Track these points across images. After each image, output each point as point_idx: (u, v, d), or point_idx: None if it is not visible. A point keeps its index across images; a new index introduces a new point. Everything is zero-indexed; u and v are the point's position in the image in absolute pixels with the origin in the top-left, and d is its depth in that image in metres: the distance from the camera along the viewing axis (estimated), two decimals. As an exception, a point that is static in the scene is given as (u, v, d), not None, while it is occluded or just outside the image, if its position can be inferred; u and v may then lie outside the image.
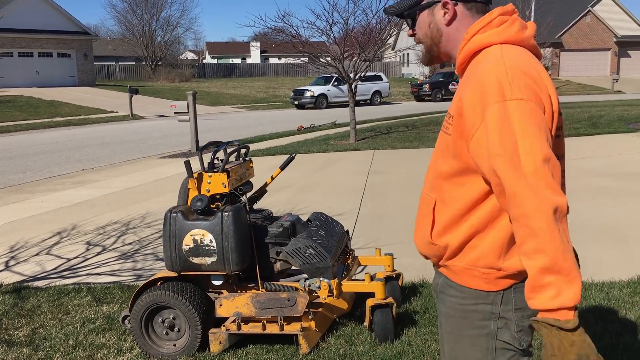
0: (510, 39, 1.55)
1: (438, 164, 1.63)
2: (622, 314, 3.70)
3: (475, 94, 1.45)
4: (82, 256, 5.54)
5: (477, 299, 1.58)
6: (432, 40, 1.67)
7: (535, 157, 1.35)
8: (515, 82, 1.41)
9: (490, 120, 1.40)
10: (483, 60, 1.52)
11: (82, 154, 13.51)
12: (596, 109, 19.69)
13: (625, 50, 48.36)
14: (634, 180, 7.94)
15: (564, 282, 1.30)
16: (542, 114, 1.42)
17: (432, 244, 1.62)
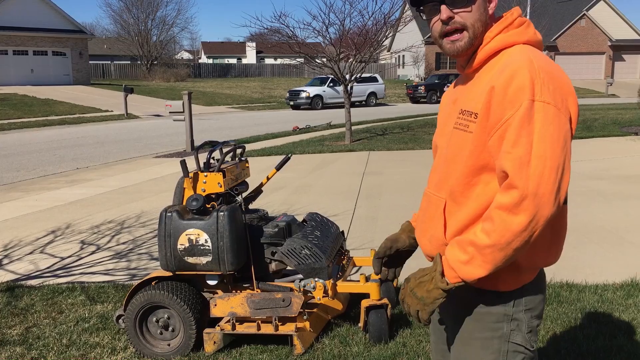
0: (530, 40, 1.57)
1: (451, 163, 1.59)
2: (616, 316, 3.71)
3: (507, 89, 1.43)
4: (76, 255, 5.53)
5: (492, 301, 1.57)
6: (483, 27, 1.56)
7: (545, 163, 1.38)
8: (545, 84, 1.43)
9: (515, 117, 1.41)
10: (510, 59, 1.50)
11: (77, 152, 13.47)
12: (591, 112, 19.78)
13: (619, 54, 48.59)
14: (628, 183, 7.97)
15: (477, 262, 1.44)
16: (566, 120, 1.43)
17: (445, 245, 1.60)
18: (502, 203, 1.41)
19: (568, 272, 4.54)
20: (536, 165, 1.38)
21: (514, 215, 1.38)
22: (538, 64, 1.46)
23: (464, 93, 1.62)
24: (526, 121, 1.40)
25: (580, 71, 47.83)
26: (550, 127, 1.40)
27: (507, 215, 1.39)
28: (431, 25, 1.58)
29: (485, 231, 1.43)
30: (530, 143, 1.39)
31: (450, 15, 1.52)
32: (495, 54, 1.56)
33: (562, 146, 1.40)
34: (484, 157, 1.51)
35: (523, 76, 1.42)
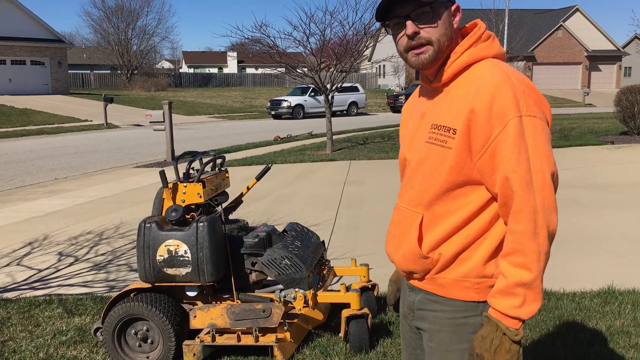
0: (497, 53, 1.60)
1: (428, 178, 1.59)
2: (593, 324, 3.76)
3: (491, 108, 1.46)
4: (54, 267, 5.45)
5: (467, 311, 1.58)
6: (448, 41, 1.56)
7: (544, 175, 1.45)
8: (528, 97, 1.47)
9: (509, 135, 1.44)
10: (482, 74, 1.52)
11: (55, 163, 13.31)
12: (568, 121, 20.07)
13: (595, 64, 49.48)
14: (604, 191, 8.10)
15: (531, 298, 1.45)
16: (548, 128, 1.50)
17: (423, 257, 1.60)
18: (520, 230, 1.45)
19: (546, 279, 4.56)
20: (537, 180, 1.44)
21: (537, 236, 1.44)
22: (515, 77, 1.49)
23: (434, 107, 1.62)
24: (520, 138, 1.44)
25: (557, 81, 48.62)
26: (541, 139, 1.45)
27: (532, 242, 1.44)
28: (397, 39, 1.58)
29: (522, 266, 1.45)
30: (527, 159, 1.44)
31: (415, 30, 1.53)
32: (465, 68, 1.58)
33: (552, 154, 1.48)
34: (465, 172, 1.52)
35: (505, 93, 1.45)
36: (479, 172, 1.51)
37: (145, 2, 51.83)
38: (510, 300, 1.45)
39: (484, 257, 1.55)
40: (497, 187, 1.48)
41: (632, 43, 53.93)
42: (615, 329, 3.67)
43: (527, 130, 1.44)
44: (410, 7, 1.52)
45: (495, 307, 1.48)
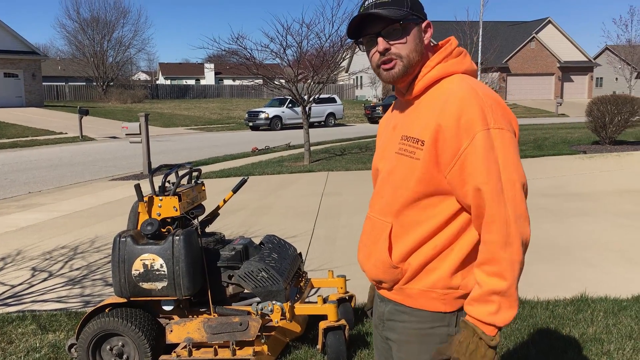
0: (468, 69, 1.64)
1: (397, 188, 1.62)
2: (567, 332, 3.82)
3: (459, 121, 1.49)
4: (27, 282, 5.36)
5: (434, 322, 1.60)
6: (419, 57, 1.61)
7: (515, 186, 1.49)
8: (495, 110, 1.51)
9: (478, 148, 1.47)
10: (450, 88, 1.56)
11: (29, 176, 13.11)
12: (541, 131, 20.40)
13: (568, 75, 50.45)
14: (578, 200, 8.24)
15: (506, 306, 1.48)
16: (516, 140, 1.54)
17: (393, 267, 1.63)
18: (493, 241, 1.48)
19: (520, 288, 4.62)
20: (508, 191, 1.48)
21: (510, 246, 1.47)
22: (482, 92, 1.53)
23: (405, 119, 1.66)
24: (489, 150, 1.47)
25: (531, 92, 49.45)
26: (510, 150, 1.49)
27: (505, 251, 1.47)
28: (370, 55, 1.63)
29: (496, 274, 1.48)
30: (498, 171, 1.48)
31: (386, 46, 1.58)
32: (435, 82, 1.62)
33: (520, 165, 1.52)
34: (433, 184, 1.55)
35: (472, 106, 1.49)
36: (449, 185, 1.54)
37: (121, 14, 51.71)
38: (485, 307, 1.49)
39: (451, 269, 1.57)
40: (469, 199, 1.51)
41: (603, 54, 55.17)
42: (588, 336, 3.73)
43: (495, 142, 1.48)
44: (380, 24, 1.57)
45: (471, 315, 1.51)
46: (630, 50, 43.48)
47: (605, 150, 13.64)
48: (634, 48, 43.58)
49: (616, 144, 14.63)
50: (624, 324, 3.88)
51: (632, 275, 4.96)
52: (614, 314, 4.06)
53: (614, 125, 14.32)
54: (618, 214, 7.30)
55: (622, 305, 4.21)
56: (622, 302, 4.29)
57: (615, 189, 9.02)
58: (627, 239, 6.09)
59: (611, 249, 5.74)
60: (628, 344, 3.60)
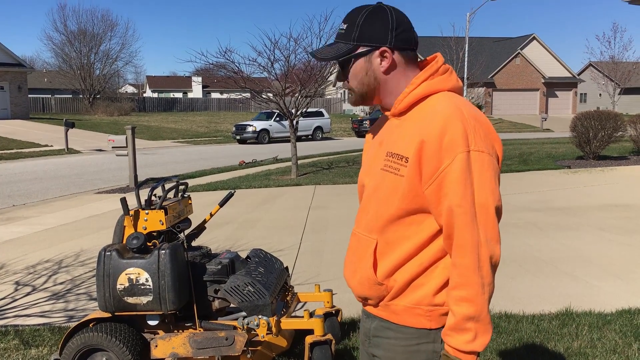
0: (453, 87, 1.64)
1: (382, 204, 1.62)
2: (552, 346, 3.84)
3: (441, 140, 1.49)
4: (10, 297, 5.29)
5: (420, 339, 1.60)
6: (368, 87, 1.66)
7: (488, 210, 1.50)
8: (478, 133, 1.52)
9: (455, 168, 1.48)
10: (436, 107, 1.56)
11: (13, 189, 12.99)
12: (527, 146, 20.60)
13: (552, 91, 51.10)
14: (562, 215, 8.31)
15: (482, 331, 1.50)
16: (496, 163, 1.55)
17: (378, 284, 1.63)
18: (464, 264, 1.49)
19: (506, 302, 4.68)
20: (481, 214, 1.49)
21: (481, 270, 1.48)
22: (467, 112, 1.54)
23: (391, 136, 1.67)
24: (467, 172, 1.48)
25: (516, 107, 50.00)
26: (487, 174, 1.50)
27: (476, 275, 1.48)
28: None
29: (466, 300, 1.49)
30: (472, 194, 1.48)
31: (343, 79, 1.72)
32: (421, 99, 1.62)
33: (498, 189, 1.54)
34: (417, 201, 1.56)
35: (455, 126, 1.49)
36: (427, 201, 1.55)
37: (109, 27, 51.57)
38: (462, 337, 1.50)
39: (437, 286, 1.58)
40: (443, 219, 1.52)
41: (587, 70, 55.97)
42: (573, 350, 3.75)
43: (474, 164, 1.49)
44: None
45: (450, 345, 1.52)
46: (614, 66, 44.18)
47: (590, 165, 13.80)
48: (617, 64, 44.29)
49: (600, 159, 14.81)
50: (608, 338, 3.91)
51: (616, 290, 5.01)
52: (599, 328, 4.08)
53: (597, 141, 14.51)
54: (602, 228, 7.37)
55: (606, 320, 4.24)
56: (606, 316, 4.32)
57: (600, 204, 9.12)
58: (611, 254, 6.15)
59: (595, 264, 5.79)
60: (612, 358, 3.62)
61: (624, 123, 14.82)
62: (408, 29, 1.62)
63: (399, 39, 1.61)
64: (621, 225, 7.49)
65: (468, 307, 1.48)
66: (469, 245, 1.48)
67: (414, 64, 1.66)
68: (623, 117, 15.22)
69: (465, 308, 1.49)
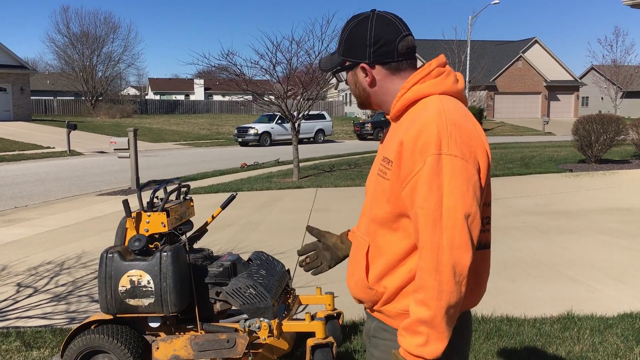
0: (447, 90, 1.62)
1: (373, 208, 1.64)
2: (553, 350, 3.83)
3: (415, 143, 1.49)
4: (12, 298, 5.30)
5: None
6: (361, 97, 1.74)
7: (456, 215, 1.45)
8: (453, 137, 1.48)
9: (424, 171, 1.46)
10: (423, 110, 1.56)
11: (15, 190, 13.01)
12: (528, 149, 20.59)
13: (554, 94, 51.08)
14: (564, 218, 8.31)
15: (434, 337, 1.45)
16: (474, 171, 1.49)
17: (369, 288, 1.64)
18: (423, 267, 1.46)
19: (508, 306, 4.68)
20: (447, 218, 1.44)
21: (439, 274, 1.44)
22: (447, 117, 1.51)
23: (387, 140, 1.70)
24: (435, 175, 1.45)
25: (518, 110, 49.99)
26: (459, 179, 1.46)
27: (432, 279, 1.44)
28: None
29: (422, 303, 1.45)
30: (440, 197, 1.45)
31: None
32: (412, 103, 1.62)
33: (471, 196, 1.47)
34: (399, 205, 1.55)
35: (430, 130, 1.48)
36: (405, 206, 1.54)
37: (111, 29, 51.67)
38: (414, 339, 1.47)
39: None
40: (413, 222, 1.52)
41: (589, 74, 55.99)
42: (575, 354, 3.75)
43: (445, 168, 1.46)
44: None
45: (401, 345, 1.50)
46: (615, 70, 44.22)
47: (592, 169, 13.78)
48: (619, 68, 44.33)
49: (602, 162, 14.80)
50: (610, 342, 3.91)
51: (618, 294, 5.00)
52: (600, 332, 4.08)
53: (599, 144, 14.50)
54: (604, 232, 7.36)
55: (608, 324, 4.23)
56: (608, 320, 4.32)
57: (601, 207, 9.11)
58: (613, 257, 6.14)
59: (597, 267, 5.78)
60: (614, 361, 3.61)
61: (625, 126, 14.82)
62: (390, 41, 1.62)
63: (377, 54, 1.63)
64: (623, 229, 7.48)
65: (422, 311, 1.45)
66: (428, 248, 1.46)
67: (407, 71, 1.66)
68: (625, 121, 15.22)
69: (419, 311, 1.45)
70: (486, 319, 4.36)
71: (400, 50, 1.63)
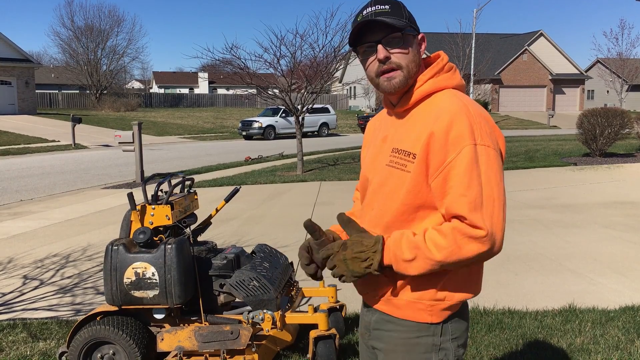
0: (457, 85, 1.67)
1: (386, 200, 1.64)
2: (555, 342, 3.86)
3: (448, 134, 1.51)
4: (18, 291, 5.36)
5: (420, 332, 1.62)
6: (416, 68, 1.64)
7: (494, 203, 1.50)
8: (483, 128, 1.54)
9: (464, 161, 1.50)
10: (442, 103, 1.58)
11: (21, 184, 13.08)
12: (533, 143, 20.54)
13: (560, 88, 50.84)
14: (567, 212, 8.31)
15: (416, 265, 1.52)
16: (500, 159, 1.57)
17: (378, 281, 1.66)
18: (461, 229, 1.48)
19: (510, 298, 4.70)
20: (487, 206, 1.48)
21: (470, 242, 1.47)
22: (473, 109, 1.56)
23: (395, 131, 1.69)
24: (474, 164, 1.50)
25: (523, 103, 49.79)
26: (494, 168, 1.52)
27: (463, 240, 1.47)
28: (367, 65, 1.64)
29: (437, 245, 1.49)
30: (480, 185, 1.49)
31: (387, 55, 1.58)
32: (427, 96, 1.65)
33: (503, 185, 1.54)
34: (422, 196, 1.58)
35: (462, 122, 1.52)
36: (432, 195, 1.57)
37: (116, 23, 51.57)
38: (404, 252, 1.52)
39: (439, 281, 1.60)
40: (444, 210, 1.54)
41: (594, 67, 55.71)
42: (576, 346, 3.77)
43: (481, 158, 1.50)
44: (381, 33, 1.58)
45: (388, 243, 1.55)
46: (621, 63, 43.96)
47: (596, 163, 13.76)
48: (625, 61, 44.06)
49: (606, 156, 14.77)
50: (611, 335, 3.93)
51: (620, 287, 5.02)
52: (602, 325, 4.10)
53: (604, 138, 14.46)
54: (607, 225, 7.37)
55: (609, 316, 4.25)
56: (609, 313, 4.34)
57: (605, 201, 9.10)
58: (615, 251, 6.15)
59: (599, 261, 5.79)
60: (615, 354, 3.64)
61: (630, 120, 14.77)
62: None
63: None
64: (626, 223, 7.49)
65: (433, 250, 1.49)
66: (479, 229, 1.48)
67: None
68: (630, 114, 15.16)
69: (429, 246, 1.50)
70: (488, 312, 4.39)
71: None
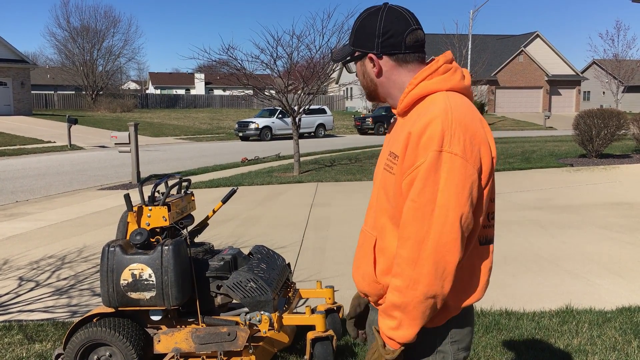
0: (454, 86, 1.64)
1: (380, 202, 1.66)
2: (552, 343, 3.86)
3: (420, 137, 1.51)
4: (14, 292, 5.33)
5: (420, 335, 1.60)
6: (368, 87, 1.75)
7: (448, 212, 1.47)
8: (456, 135, 1.49)
9: (423, 166, 1.49)
10: (430, 107, 1.57)
11: (16, 185, 13.04)
12: (529, 144, 20.58)
13: (556, 89, 50.97)
14: (564, 213, 8.32)
15: (406, 322, 1.51)
16: (473, 171, 1.50)
17: (376, 282, 1.65)
18: (404, 256, 1.50)
19: (507, 299, 4.70)
20: (439, 215, 1.46)
21: (418, 266, 1.47)
22: (453, 114, 1.52)
23: (393, 135, 1.71)
24: (432, 171, 1.47)
25: (519, 104, 49.90)
26: (456, 178, 1.47)
27: (411, 270, 1.48)
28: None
29: (398, 289, 1.51)
30: (434, 193, 1.47)
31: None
32: (420, 99, 1.64)
33: (467, 196, 1.48)
34: (402, 200, 1.57)
35: (435, 127, 1.50)
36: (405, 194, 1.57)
37: (112, 23, 51.54)
38: (388, 321, 1.55)
39: None
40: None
41: (590, 68, 55.87)
42: (573, 347, 3.77)
43: (444, 165, 1.48)
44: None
45: (379, 325, 1.58)
46: (617, 64, 44.09)
47: (592, 164, 13.79)
48: (621, 62, 44.21)
49: (603, 157, 14.80)
50: (608, 336, 3.93)
51: (616, 288, 5.02)
52: (599, 326, 4.10)
53: (600, 139, 14.50)
54: (603, 226, 7.38)
55: (606, 317, 4.26)
56: (606, 313, 4.34)
57: (601, 202, 9.12)
58: (612, 252, 6.16)
59: (596, 261, 5.80)
60: (612, 355, 3.64)
61: (626, 121, 14.81)
62: (398, 33, 1.63)
63: (385, 45, 1.65)
64: (623, 224, 7.50)
65: (397, 297, 1.52)
66: (412, 240, 1.49)
67: (414, 64, 1.67)
68: (626, 115, 15.20)
69: (394, 296, 1.52)
70: (485, 313, 4.39)
71: (408, 43, 1.64)
